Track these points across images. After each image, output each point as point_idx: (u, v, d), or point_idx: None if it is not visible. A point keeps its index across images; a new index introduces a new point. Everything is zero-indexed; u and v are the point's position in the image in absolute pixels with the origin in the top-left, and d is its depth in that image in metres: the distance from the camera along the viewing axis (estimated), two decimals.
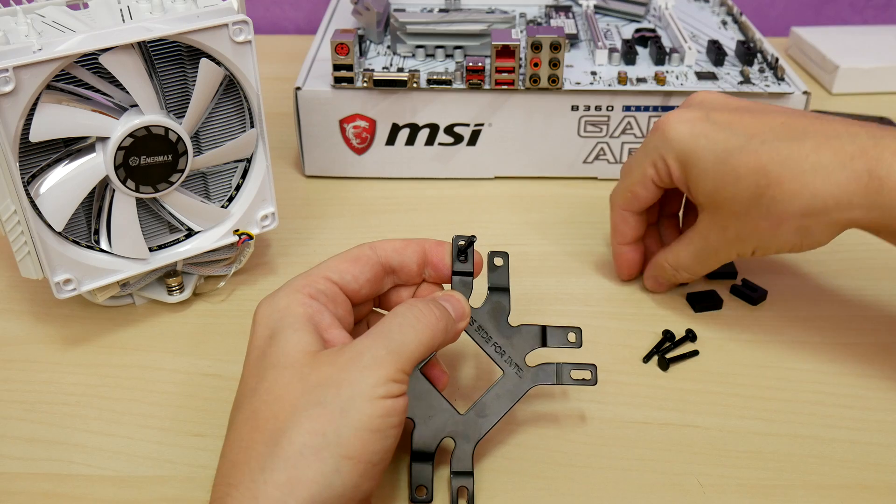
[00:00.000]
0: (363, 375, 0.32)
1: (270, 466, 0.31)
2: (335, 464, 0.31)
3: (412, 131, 0.61)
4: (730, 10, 0.73)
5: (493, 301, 0.40)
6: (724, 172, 0.42)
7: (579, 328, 0.41)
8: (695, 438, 0.41)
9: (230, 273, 0.51)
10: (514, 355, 0.40)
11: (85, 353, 0.47)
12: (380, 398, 0.32)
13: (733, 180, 0.42)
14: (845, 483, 0.39)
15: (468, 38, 0.62)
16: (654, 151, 0.45)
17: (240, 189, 0.49)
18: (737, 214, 0.43)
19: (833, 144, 0.40)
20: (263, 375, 0.34)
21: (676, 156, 0.44)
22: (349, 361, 0.33)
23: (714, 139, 0.42)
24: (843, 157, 0.39)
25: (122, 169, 0.43)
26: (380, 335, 0.34)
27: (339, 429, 0.31)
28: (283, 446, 0.31)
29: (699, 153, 0.43)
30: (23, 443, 0.41)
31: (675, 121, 0.44)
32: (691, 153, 0.43)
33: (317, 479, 0.31)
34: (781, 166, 0.40)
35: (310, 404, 0.32)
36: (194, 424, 0.42)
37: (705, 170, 0.43)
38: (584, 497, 0.38)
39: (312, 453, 0.31)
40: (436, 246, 0.40)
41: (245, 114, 0.47)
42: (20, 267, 0.44)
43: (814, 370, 0.45)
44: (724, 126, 0.43)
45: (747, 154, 0.41)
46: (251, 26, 0.44)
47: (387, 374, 0.33)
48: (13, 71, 0.38)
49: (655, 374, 0.45)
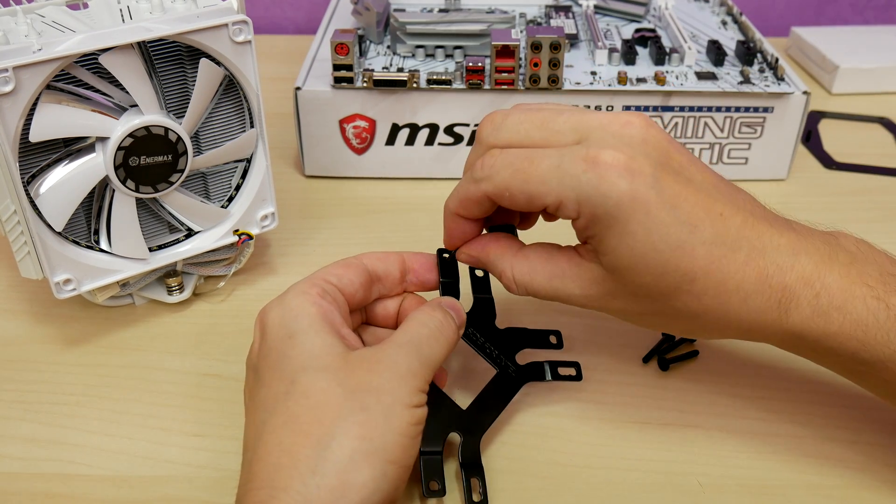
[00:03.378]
0: (401, 385, 0.34)
1: (321, 471, 0.31)
2: (382, 468, 0.32)
3: (412, 131, 0.61)
4: (730, 10, 0.73)
5: (479, 307, 0.42)
6: (651, 261, 0.34)
7: (558, 331, 0.43)
8: (695, 439, 0.41)
9: (230, 273, 0.51)
10: (504, 356, 0.42)
11: (85, 354, 0.47)
12: (414, 406, 0.34)
13: (658, 273, 0.34)
14: (845, 483, 0.39)
15: (468, 38, 0.62)
16: (566, 181, 0.34)
17: (240, 189, 0.49)
18: (637, 295, 0.36)
19: (758, 263, 0.35)
20: (294, 378, 0.34)
21: (598, 209, 0.34)
22: (387, 370, 0.34)
23: (657, 219, 0.33)
24: (764, 279, 0.35)
25: (122, 169, 0.43)
26: (411, 345, 0.36)
27: (385, 434, 0.33)
28: (332, 450, 0.32)
29: (633, 227, 0.34)
30: (22, 443, 0.41)
31: (617, 169, 0.33)
32: (624, 221, 0.34)
33: (367, 483, 0.32)
34: (708, 278, 0.34)
35: (354, 410, 0.33)
36: (194, 424, 0.42)
37: (630, 246, 0.34)
38: (584, 497, 0.38)
39: (363, 458, 0.32)
40: (413, 255, 0.42)
41: (245, 114, 0.47)
42: (20, 267, 0.44)
43: (814, 370, 0.45)
44: (669, 204, 0.34)
45: (683, 253, 0.34)
46: (251, 26, 0.44)
47: (419, 385, 0.35)
48: (13, 71, 0.38)
49: (655, 374, 0.45)
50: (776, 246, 0.35)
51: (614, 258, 0.35)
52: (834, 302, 0.35)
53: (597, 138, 0.35)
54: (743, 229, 0.35)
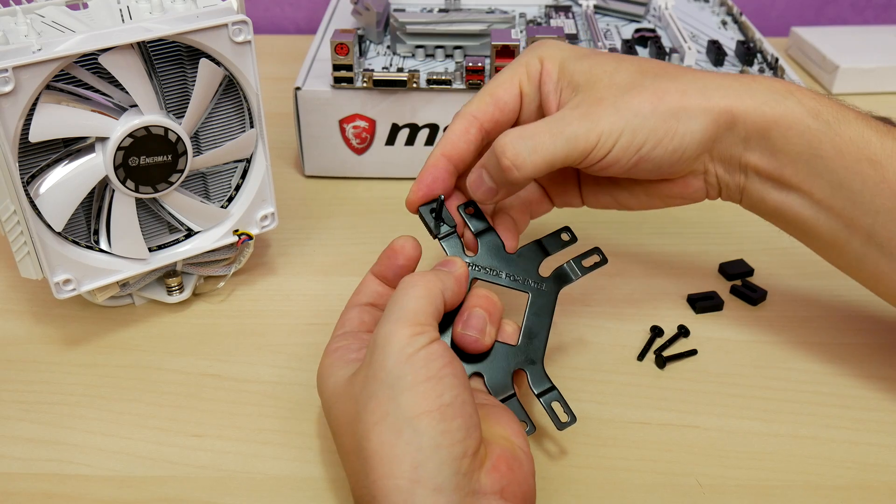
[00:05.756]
0: (386, 353, 0.34)
1: (369, 469, 0.32)
2: (411, 427, 0.32)
3: (412, 131, 0.61)
4: (730, 10, 0.73)
5: (485, 243, 0.42)
6: (603, 57, 0.41)
7: (567, 227, 0.43)
8: (694, 439, 0.41)
9: (230, 273, 0.51)
10: (528, 276, 0.41)
11: (84, 354, 0.47)
12: (411, 355, 0.33)
13: (614, 59, 0.41)
14: (845, 483, 0.39)
15: (468, 38, 0.62)
16: (527, 55, 0.43)
17: (239, 189, 0.49)
18: (616, 85, 0.40)
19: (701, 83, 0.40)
20: (333, 421, 0.36)
21: (553, 56, 0.42)
22: (371, 353, 0.34)
23: (595, 55, 0.42)
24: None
25: (122, 169, 0.43)
26: (383, 319, 0.35)
27: (395, 400, 0.32)
28: (366, 449, 0.32)
29: (578, 52, 0.42)
30: (22, 443, 0.41)
31: (551, 41, 0.43)
32: (570, 54, 0.42)
33: (405, 449, 0.31)
34: (662, 69, 0.41)
35: (364, 404, 0.33)
36: (193, 425, 0.42)
37: (585, 55, 0.41)
38: (583, 497, 0.38)
39: (389, 434, 0.32)
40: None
41: (245, 114, 0.47)
42: (20, 267, 0.44)
43: (813, 370, 0.45)
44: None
45: (632, 65, 0.41)
46: (251, 26, 0.44)
47: (405, 336, 0.34)
48: (13, 71, 0.38)
49: (655, 375, 0.45)
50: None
51: (579, 69, 0.41)
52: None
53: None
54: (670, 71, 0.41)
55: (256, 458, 0.40)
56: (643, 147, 0.39)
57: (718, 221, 0.58)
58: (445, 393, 0.33)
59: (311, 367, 0.40)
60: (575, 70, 0.41)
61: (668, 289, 0.51)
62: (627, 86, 0.39)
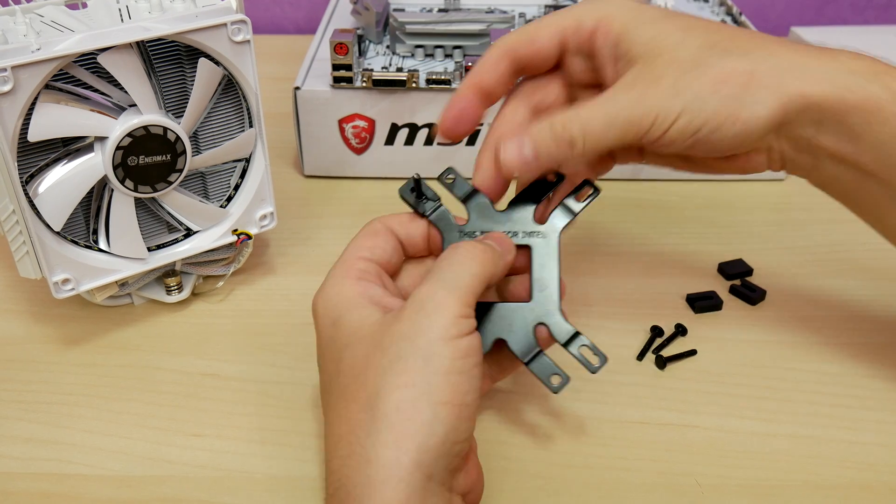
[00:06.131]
0: (432, 321, 0.33)
1: (374, 429, 0.31)
2: (432, 411, 0.32)
3: (411, 131, 0.61)
4: (730, 10, 0.73)
5: (473, 206, 0.41)
6: (669, 24, 0.38)
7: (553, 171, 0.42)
8: (694, 439, 0.41)
9: (229, 273, 0.51)
10: (525, 227, 0.41)
11: (83, 353, 0.47)
12: (455, 338, 0.33)
13: (681, 28, 0.38)
14: (845, 483, 0.39)
15: (467, 38, 0.62)
16: (584, 8, 0.40)
17: (238, 189, 0.49)
18: (678, 62, 0.37)
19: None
20: (340, 356, 0.35)
21: (615, 17, 0.39)
22: (414, 312, 0.33)
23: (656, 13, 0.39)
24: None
25: (121, 168, 0.43)
26: (435, 280, 0.35)
27: (427, 376, 0.32)
28: (379, 408, 0.32)
29: (644, 15, 0.39)
30: (21, 442, 0.41)
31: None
32: (635, 17, 0.38)
33: (419, 429, 0.31)
34: (733, 42, 0.38)
35: (391, 362, 0.33)
36: (192, 424, 0.42)
37: (652, 21, 0.38)
38: (583, 497, 0.38)
39: (409, 406, 0.32)
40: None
41: (244, 113, 0.47)
42: (18, 267, 0.44)
43: (813, 370, 0.45)
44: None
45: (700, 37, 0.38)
46: (250, 26, 0.44)
47: (454, 314, 0.33)
48: (11, 70, 0.38)
49: (654, 375, 0.45)
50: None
51: (639, 37, 0.38)
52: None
53: None
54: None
55: (255, 458, 0.40)
56: (700, 130, 0.37)
57: (718, 221, 0.58)
58: (469, 393, 0.33)
59: (311, 367, 0.40)
60: (636, 39, 0.38)
61: (668, 288, 0.51)
62: (691, 63, 0.37)
